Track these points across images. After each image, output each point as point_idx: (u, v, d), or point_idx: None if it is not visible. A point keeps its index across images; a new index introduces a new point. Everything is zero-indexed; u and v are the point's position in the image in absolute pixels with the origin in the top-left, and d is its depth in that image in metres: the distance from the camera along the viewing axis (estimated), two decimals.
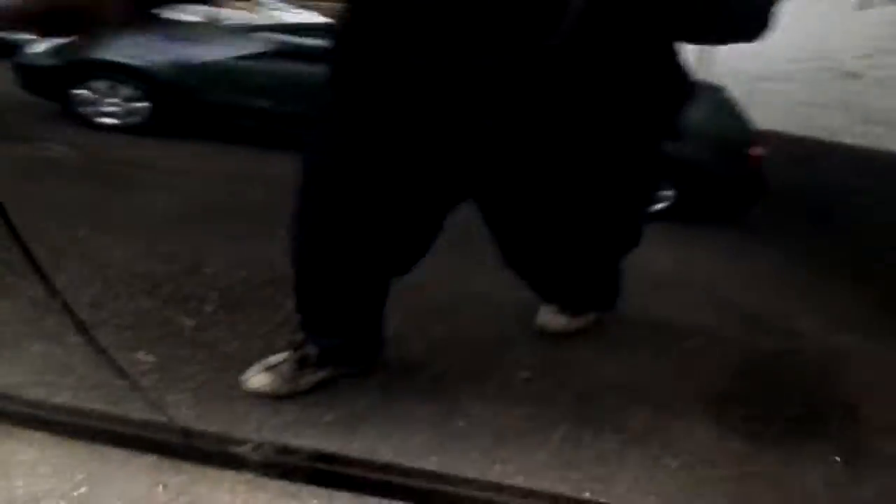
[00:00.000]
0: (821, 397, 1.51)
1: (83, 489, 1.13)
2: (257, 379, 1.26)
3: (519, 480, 1.19)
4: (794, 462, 1.29)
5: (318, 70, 1.15)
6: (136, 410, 1.20)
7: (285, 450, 1.18)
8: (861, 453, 1.34)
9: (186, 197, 2.47)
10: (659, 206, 2.79)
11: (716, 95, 3.13)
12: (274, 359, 1.30)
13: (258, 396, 1.26)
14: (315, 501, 1.20)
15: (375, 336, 1.37)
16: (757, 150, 2.91)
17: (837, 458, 1.31)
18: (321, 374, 1.29)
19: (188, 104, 3.42)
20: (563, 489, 1.18)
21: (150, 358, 1.36)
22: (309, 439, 1.18)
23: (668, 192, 2.90)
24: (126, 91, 3.41)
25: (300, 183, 1.12)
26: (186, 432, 1.14)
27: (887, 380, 1.60)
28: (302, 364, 1.27)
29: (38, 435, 1.16)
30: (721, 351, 1.70)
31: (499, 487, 1.17)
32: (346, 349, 1.31)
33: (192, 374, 1.32)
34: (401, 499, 1.22)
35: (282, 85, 3.35)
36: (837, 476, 1.28)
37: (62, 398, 1.23)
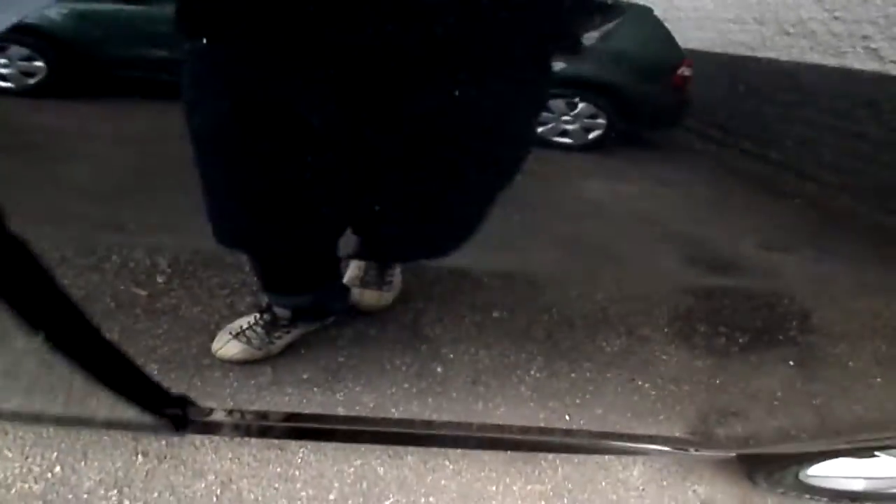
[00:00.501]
0: (774, 312, 1.61)
1: (57, 469, 1.08)
2: (229, 348, 1.22)
3: (501, 415, 1.21)
4: (753, 370, 1.37)
5: None
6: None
7: (262, 414, 1.16)
8: (811, 356, 1.44)
9: (108, 162, 2.29)
10: (591, 135, 2.82)
11: (643, 16, 3.12)
12: (240, 323, 1.25)
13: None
14: (302, 451, 1.20)
15: (340, 285, 1.34)
16: (685, 71, 2.98)
17: (791, 363, 1.41)
18: (295, 334, 1.27)
19: (88, 59, 3.11)
20: (544, 417, 1.22)
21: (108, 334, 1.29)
22: (289, 398, 1.16)
23: (600, 121, 2.93)
24: (16, 50, 3.10)
25: (199, 159, 0.98)
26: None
27: (830, 291, 1.71)
28: (272, 326, 1.24)
29: None
30: (674, 278, 1.76)
31: (481, 426, 1.20)
32: (315, 305, 1.28)
33: (155, 345, 1.26)
34: (386, 443, 1.23)
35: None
36: (792, 377, 1.38)
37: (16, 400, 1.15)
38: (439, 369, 1.30)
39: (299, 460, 1.19)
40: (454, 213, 1.17)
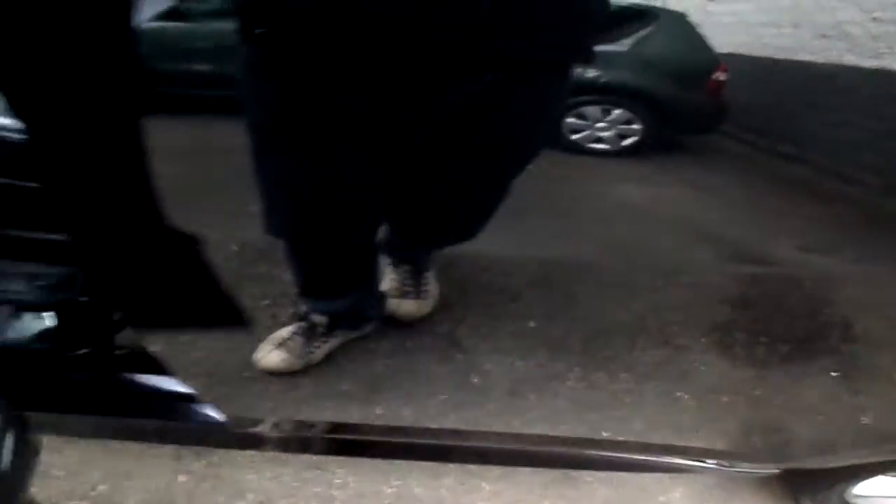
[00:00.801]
0: (815, 319, 1.57)
1: (101, 487, 1.10)
2: (270, 357, 1.23)
3: (539, 428, 1.20)
4: (796, 381, 1.35)
5: None
6: None
7: (303, 425, 1.16)
8: (855, 366, 1.41)
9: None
10: (626, 141, 2.78)
11: (677, 22, 3.06)
12: (281, 333, 1.27)
13: (273, 374, 1.23)
14: (341, 471, 1.20)
15: (376, 291, 1.36)
16: (719, 76, 2.92)
17: (834, 373, 1.37)
18: (333, 343, 1.28)
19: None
20: (583, 431, 1.21)
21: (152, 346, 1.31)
22: (328, 411, 1.17)
23: (635, 126, 2.88)
24: None
25: (254, 152, 1.04)
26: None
27: (872, 297, 1.67)
28: (311, 335, 1.26)
29: (44, 437, 1.12)
30: (712, 284, 1.73)
31: (520, 438, 1.19)
32: (353, 310, 1.30)
33: (198, 358, 1.28)
34: (425, 459, 1.23)
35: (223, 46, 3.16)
36: (836, 389, 1.34)
37: None
38: (476, 380, 1.30)
39: (338, 481, 1.19)
40: (480, 197, 1.21)
